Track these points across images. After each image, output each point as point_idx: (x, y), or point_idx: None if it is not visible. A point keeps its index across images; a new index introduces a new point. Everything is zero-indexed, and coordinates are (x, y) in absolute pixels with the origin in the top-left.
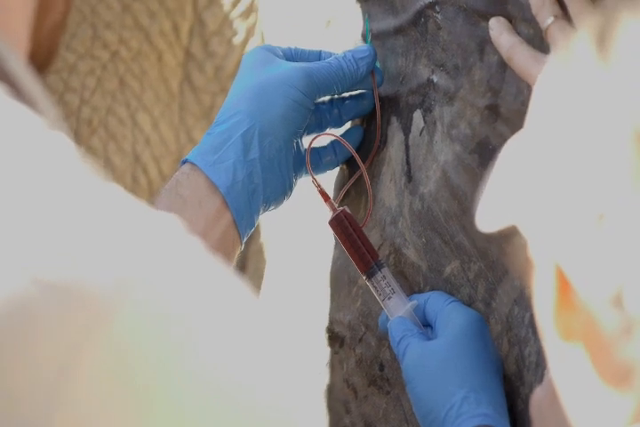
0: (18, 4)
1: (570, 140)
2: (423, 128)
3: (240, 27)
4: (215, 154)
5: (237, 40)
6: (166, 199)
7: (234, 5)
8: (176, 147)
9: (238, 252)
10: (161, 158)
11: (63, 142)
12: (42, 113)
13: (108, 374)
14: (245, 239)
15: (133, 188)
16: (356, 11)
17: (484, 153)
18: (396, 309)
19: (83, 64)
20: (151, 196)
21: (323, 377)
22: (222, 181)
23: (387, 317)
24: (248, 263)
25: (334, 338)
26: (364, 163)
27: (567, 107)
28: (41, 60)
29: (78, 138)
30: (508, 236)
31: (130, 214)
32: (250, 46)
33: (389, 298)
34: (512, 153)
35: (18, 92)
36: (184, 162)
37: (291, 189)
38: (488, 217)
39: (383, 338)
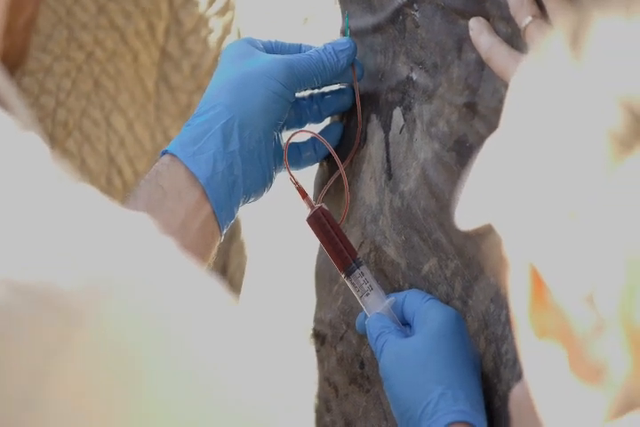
0: None
1: (542, 138)
2: (403, 126)
3: (216, 25)
4: (195, 145)
5: (214, 38)
6: (146, 190)
7: (210, 4)
8: (152, 147)
9: (218, 243)
10: (136, 159)
11: (35, 144)
12: (14, 114)
13: (84, 377)
14: (225, 231)
15: (108, 189)
16: (334, 8)
17: (461, 151)
18: (374, 305)
19: (58, 66)
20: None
21: (304, 375)
22: (202, 172)
23: (365, 317)
24: (230, 260)
25: (316, 336)
26: (343, 160)
27: (541, 105)
28: (13, 59)
29: (54, 140)
30: (485, 234)
31: (102, 215)
32: (226, 43)
33: (367, 295)
34: (489, 152)
35: None
36: (164, 153)
37: (271, 180)
38: (466, 215)
39: (364, 336)
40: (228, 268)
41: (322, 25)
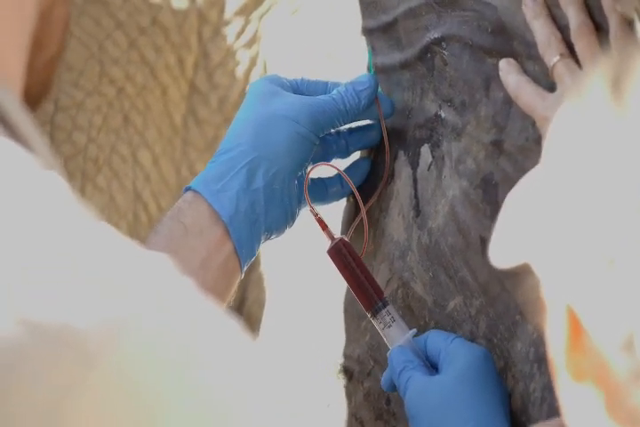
0: (13, 41)
1: (582, 182)
2: (431, 163)
3: (243, 57)
4: (219, 182)
5: (240, 70)
6: (168, 227)
7: (238, 36)
8: (176, 182)
9: (238, 280)
10: (160, 195)
11: (56, 182)
12: (36, 152)
13: (98, 417)
14: (246, 268)
15: (135, 225)
16: (357, 44)
17: (487, 188)
18: (397, 338)
19: (90, 101)
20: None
21: (331, 410)
22: (225, 209)
23: (390, 379)
24: (248, 292)
25: (343, 371)
26: (368, 196)
27: (581, 149)
28: (35, 95)
29: (85, 177)
30: (512, 272)
31: (121, 255)
32: (253, 76)
33: (389, 327)
34: (525, 191)
35: (11, 131)
36: (187, 189)
37: (293, 219)
38: (501, 253)
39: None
40: (245, 300)
41: (345, 60)
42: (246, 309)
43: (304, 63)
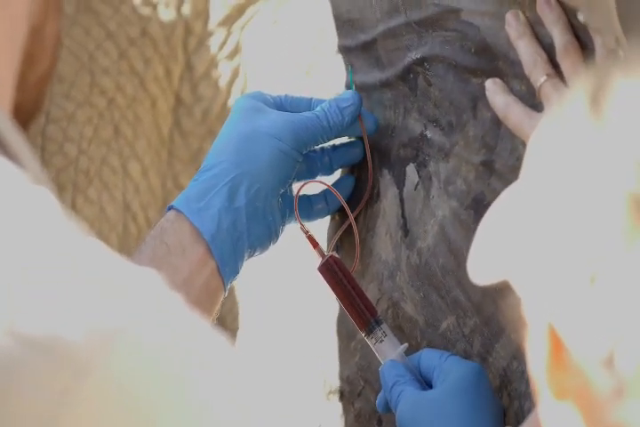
0: (3, 57)
1: (562, 199)
2: (418, 182)
3: (226, 68)
4: (201, 201)
5: (223, 81)
6: (151, 247)
7: (220, 47)
8: (162, 194)
9: (221, 298)
10: (148, 207)
11: (45, 197)
12: (25, 167)
13: (93, 426)
14: (229, 286)
15: (124, 236)
16: (335, 61)
17: (478, 209)
18: (388, 352)
19: (81, 113)
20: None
21: None
22: (207, 228)
23: (384, 400)
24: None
25: (333, 392)
26: (355, 211)
27: (560, 164)
28: (27, 112)
29: (76, 189)
30: (503, 292)
31: (110, 269)
32: (235, 88)
33: (381, 342)
34: (503, 207)
35: (1, 145)
36: (170, 208)
37: (277, 235)
38: (480, 270)
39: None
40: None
41: (324, 76)
42: (220, 321)
43: (283, 79)
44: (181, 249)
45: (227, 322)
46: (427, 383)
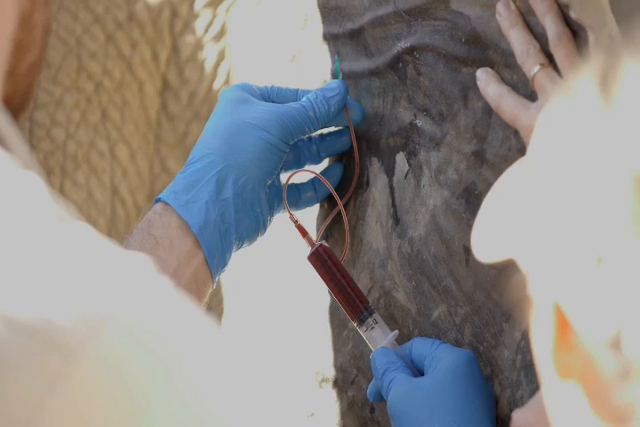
0: None
1: (570, 180)
2: (408, 171)
3: (212, 51)
4: (188, 193)
5: (209, 64)
6: (138, 239)
7: (206, 30)
8: (149, 178)
9: (210, 290)
10: (136, 191)
11: (35, 182)
12: (14, 152)
13: (81, 413)
14: (217, 278)
15: (113, 219)
16: (320, 48)
17: (470, 198)
18: (379, 339)
19: (68, 97)
20: (129, 227)
21: (315, 419)
22: (195, 220)
23: (376, 389)
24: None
25: (326, 380)
26: (343, 198)
27: (569, 146)
28: (17, 104)
29: (64, 173)
30: (497, 281)
31: (99, 254)
32: (221, 70)
33: (372, 328)
34: (509, 185)
35: None
36: (157, 200)
37: (265, 227)
38: (485, 247)
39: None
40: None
41: (309, 62)
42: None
43: (269, 61)
44: (169, 242)
45: (214, 313)
46: (418, 371)
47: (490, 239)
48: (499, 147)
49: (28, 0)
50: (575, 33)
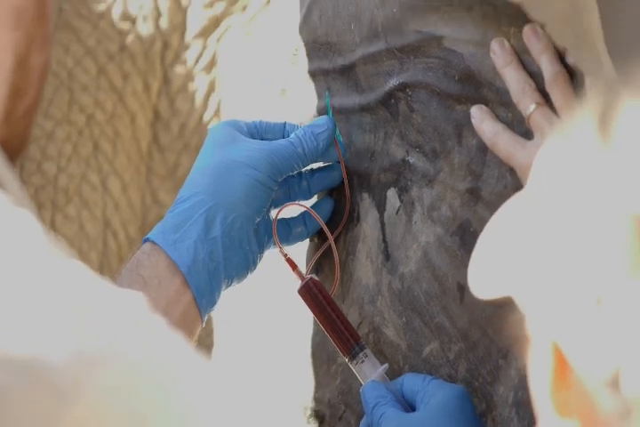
0: None
1: (569, 219)
2: (400, 207)
3: (202, 82)
4: (177, 232)
5: (200, 96)
6: (127, 279)
7: (197, 60)
8: (141, 210)
9: (199, 330)
10: (128, 223)
11: (28, 220)
12: (6, 189)
13: None
14: (206, 317)
15: (104, 252)
16: (311, 83)
17: (464, 236)
18: (369, 372)
19: (60, 131)
20: (121, 260)
21: None
22: (183, 259)
23: (366, 424)
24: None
25: (314, 416)
26: (333, 233)
27: (566, 187)
28: (14, 148)
29: (55, 207)
30: (492, 316)
31: (94, 292)
32: (212, 101)
33: (362, 362)
34: (506, 221)
35: None
36: (145, 240)
37: (254, 264)
38: (482, 283)
39: (363, 416)
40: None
41: (299, 97)
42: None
43: (259, 95)
44: (157, 281)
45: (203, 345)
46: (410, 407)
47: (487, 276)
48: (494, 184)
49: (24, 43)
50: (571, 72)
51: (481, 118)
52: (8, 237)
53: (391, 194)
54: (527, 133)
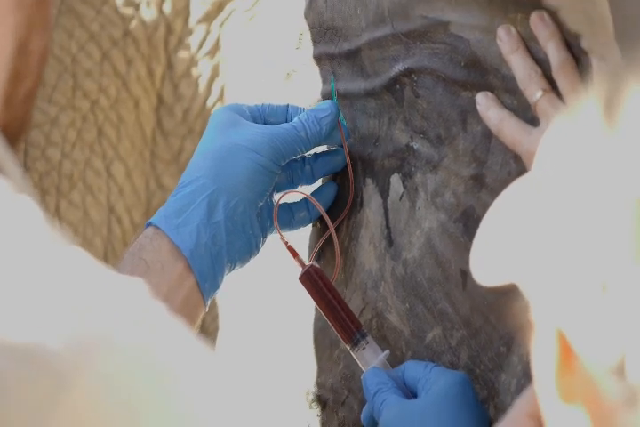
0: None
1: (574, 205)
2: (403, 193)
3: (206, 66)
4: (179, 217)
5: (203, 80)
6: (129, 264)
7: (200, 45)
8: (145, 195)
9: (202, 314)
10: (132, 208)
11: (29, 206)
12: (8, 175)
13: None
14: (209, 301)
15: (109, 238)
16: (316, 67)
17: (468, 222)
18: (370, 359)
19: (64, 116)
20: (125, 246)
21: None
22: (186, 244)
23: (370, 414)
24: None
25: (317, 401)
26: (336, 220)
27: (571, 172)
28: (14, 131)
29: (60, 194)
30: (495, 303)
31: (94, 278)
32: (215, 86)
33: (363, 349)
34: (509, 206)
35: None
36: (148, 224)
37: (257, 248)
38: (486, 270)
39: (365, 401)
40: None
41: (304, 81)
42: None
43: (263, 78)
44: (160, 266)
45: (208, 330)
46: (412, 394)
47: (490, 262)
48: (498, 171)
49: (25, 27)
50: (577, 59)
51: (487, 105)
52: (7, 224)
53: (395, 180)
54: (533, 120)
